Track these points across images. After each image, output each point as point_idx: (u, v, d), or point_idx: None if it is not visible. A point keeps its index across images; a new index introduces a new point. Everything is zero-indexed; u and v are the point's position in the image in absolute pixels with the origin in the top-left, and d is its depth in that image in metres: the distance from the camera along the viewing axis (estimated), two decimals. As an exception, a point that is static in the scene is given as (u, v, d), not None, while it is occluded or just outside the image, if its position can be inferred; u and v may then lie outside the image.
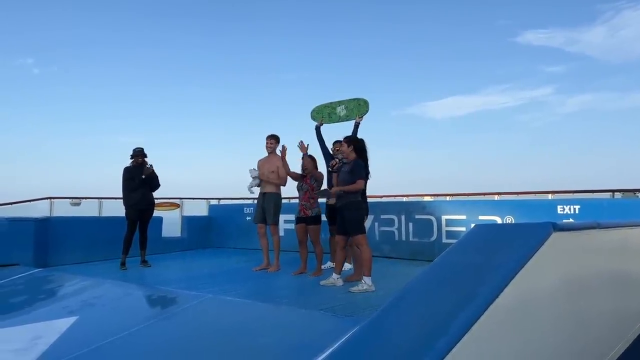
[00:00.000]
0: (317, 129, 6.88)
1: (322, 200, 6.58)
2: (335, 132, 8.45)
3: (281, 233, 7.99)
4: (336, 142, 6.56)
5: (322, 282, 5.51)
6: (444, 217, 7.59)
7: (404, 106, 37.25)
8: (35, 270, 6.62)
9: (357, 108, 6.81)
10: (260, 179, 6.78)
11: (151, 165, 7.26)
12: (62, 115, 34.13)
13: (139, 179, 7.18)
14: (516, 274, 2.32)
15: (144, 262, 7.36)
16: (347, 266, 6.45)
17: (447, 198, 8.99)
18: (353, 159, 5.40)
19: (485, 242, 2.75)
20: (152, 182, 7.33)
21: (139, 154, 7.30)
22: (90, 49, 30.72)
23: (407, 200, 9.23)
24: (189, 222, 10.15)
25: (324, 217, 6.41)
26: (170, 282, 5.86)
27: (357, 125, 6.59)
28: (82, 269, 6.90)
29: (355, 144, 5.49)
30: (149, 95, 34.34)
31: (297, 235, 6.40)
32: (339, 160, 5.62)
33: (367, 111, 6.72)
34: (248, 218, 9.64)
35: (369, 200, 6.04)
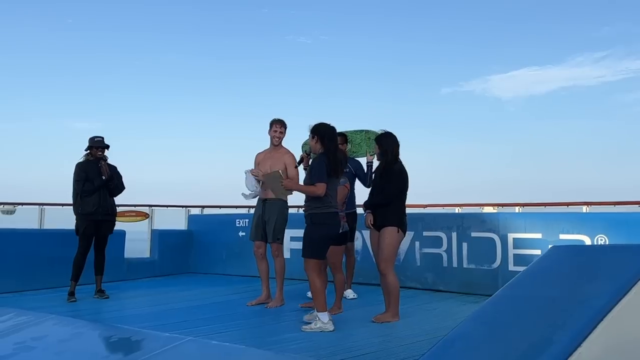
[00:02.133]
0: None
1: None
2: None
3: (287, 255, 8.01)
4: None
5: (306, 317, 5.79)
6: (511, 236, 7.55)
7: (460, 80, 37.18)
8: (-46, 301, 6.73)
9: (367, 143, 7.11)
10: (262, 183, 6.65)
11: (105, 162, 7.30)
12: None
13: (99, 180, 7.25)
14: (607, 313, 2.32)
15: (101, 291, 7.43)
16: (350, 294, 6.96)
17: (517, 209, 8.93)
18: (318, 153, 5.66)
19: (565, 269, 2.76)
20: (113, 183, 7.41)
21: (97, 145, 7.37)
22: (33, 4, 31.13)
23: (460, 211, 9.19)
24: (162, 239, 10.22)
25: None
26: (136, 319, 5.91)
27: (370, 167, 6.89)
28: (16, 300, 6.99)
29: (321, 131, 5.64)
30: (113, 67, 34.69)
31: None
32: (307, 154, 5.88)
33: None
34: (242, 234, 9.67)
35: (406, 211, 6.07)
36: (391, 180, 5.85)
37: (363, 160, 7.27)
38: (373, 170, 6.66)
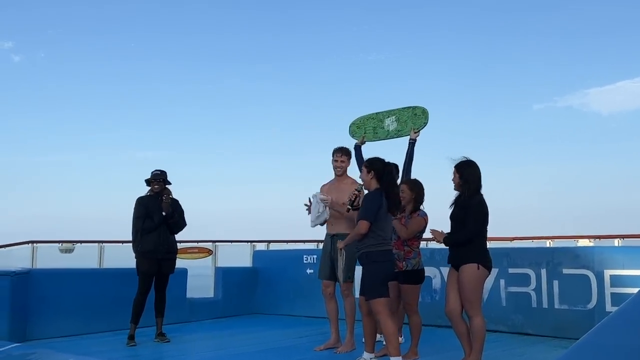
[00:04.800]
0: (357, 149, 7.38)
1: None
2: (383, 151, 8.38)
3: (358, 294, 7.89)
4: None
5: None
6: (608, 273, 7.26)
7: (554, 95, 36.20)
8: (10, 345, 6.78)
9: (413, 119, 7.36)
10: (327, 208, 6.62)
11: (167, 197, 7.34)
12: (51, 121, 35.63)
13: (159, 216, 7.30)
14: None
15: (161, 335, 7.45)
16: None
17: (616, 242, 8.73)
18: (373, 189, 5.72)
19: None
20: (174, 219, 7.44)
21: (157, 179, 7.43)
22: (91, 30, 32.27)
23: (551, 245, 8.98)
24: (226, 277, 10.27)
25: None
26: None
27: (412, 144, 7.21)
28: (74, 345, 7.05)
29: (378, 168, 5.74)
30: (175, 94, 35.42)
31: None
32: (358, 192, 6.05)
33: (425, 124, 7.30)
34: (310, 271, 9.62)
35: (490, 245, 5.88)
36: (471, 214, 5.62)
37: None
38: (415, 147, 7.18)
